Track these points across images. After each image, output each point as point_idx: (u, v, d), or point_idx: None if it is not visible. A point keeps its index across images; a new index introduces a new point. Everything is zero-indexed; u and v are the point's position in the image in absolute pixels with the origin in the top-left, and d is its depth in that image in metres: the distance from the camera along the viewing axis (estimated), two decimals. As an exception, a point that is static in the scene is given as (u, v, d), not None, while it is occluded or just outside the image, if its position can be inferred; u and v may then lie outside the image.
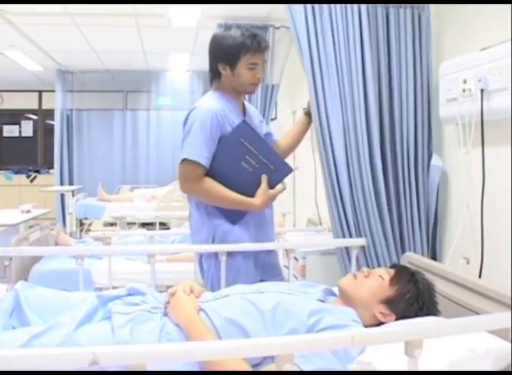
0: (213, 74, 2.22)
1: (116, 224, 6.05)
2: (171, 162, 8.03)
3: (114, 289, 1.84)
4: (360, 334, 1.11)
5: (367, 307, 1.66)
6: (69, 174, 7.76)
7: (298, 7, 2.37)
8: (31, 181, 8.86)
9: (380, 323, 1.64)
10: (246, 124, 2.14)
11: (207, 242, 2.21)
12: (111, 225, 6.30)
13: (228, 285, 2.05)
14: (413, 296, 1.67)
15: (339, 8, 2.37)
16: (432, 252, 2.50)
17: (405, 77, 2.44)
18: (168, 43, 5.96)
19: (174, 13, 4.52)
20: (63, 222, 7.01)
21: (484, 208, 2.10)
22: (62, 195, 7.22)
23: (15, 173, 8.93)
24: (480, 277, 2.10)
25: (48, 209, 5.47)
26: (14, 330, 1.58)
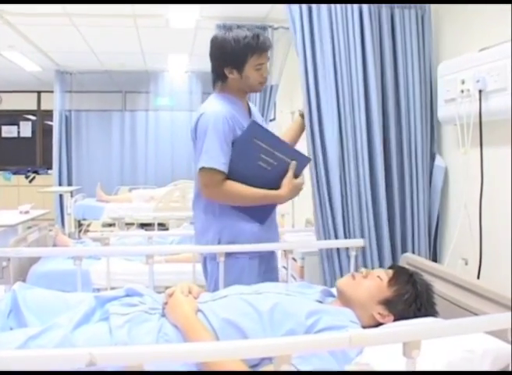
0: (217, 77, 2.17)
1: (115, 225, 6.05)
2: (169, 163, 8.05)
3: (112, 290, 1.83)
4: (357, 335, 1.11)
5: (365, 308, 1.66)
6: (68, 175, 7.75)
7: (295, 7, 2.36)
8: (30, 182, 8.85)
9: (378, 324, 1.64)
10: (256, 123, 2.13)
11: (212, 244, 2.19)
12: (109, 226, 6.29)
13: (230, 286, 2.04)
14: (411, 297, 1.67)
15: (339, 8, 2.36)
16: (432, 253, 2.50)
17: (411, 78, 2.44)
18: (166, 44, 5.95)
19: (172, 14, 4.51)
20: (62, 222, 7.01)
21: (482, 208, 2.10)
22: (61, 196, 7.22)
23: (13, 174, 8.91)
24: (478, 278, 2.10)
25: (47, 210, 5.46)
26: (11, 331, 1.58)
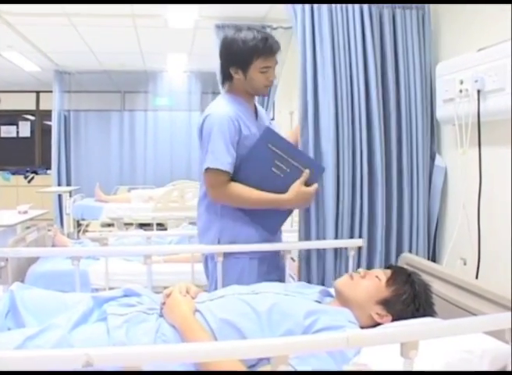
0: (224, 76, 2.19)
1: (114, 225, 6.04)
2: (168, 163, 8.04)
3: (111, 290, 1.83)
4: (355, 336, 1.11)
5: (363, 308, 1.66)
6: (67, 175, 7.74)
7: (298, 6, 2.36)
8: (29, 182, 8.84)
9: (377, 324, 1.64)
10: (271, 130, 2.12)
11: (213, 243, 2.19)
12: (108, 226, 6.28)
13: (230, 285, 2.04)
14: (409, 297, 1.66)
15: (339, 8, 2.35)
16: (431, 253, 2.50)
17: (412, 78, 2.44)
18: (165, 44, 5.94)
19: (171, 14, 4.50)
20: (61, 223, 7.00)
21: (481, 208, 2.10)
22: (60, 196, 7.21)
23: (12, 174, 8.89)
24: (477, 278, 2.10)
25: (46, 210, 5.45)
26: (9, 332, 1.58)
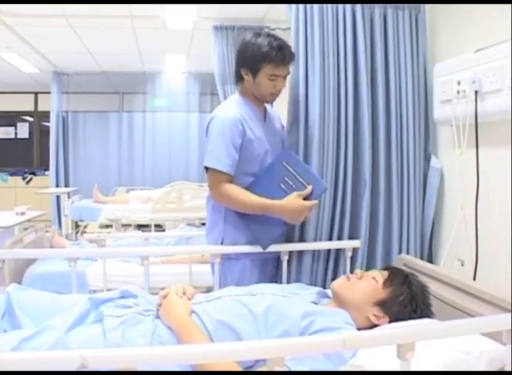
0: (237, 77, 2.24)
1: (112, 226, 6.03)
2: (167, 164, 8.04)
3: (108, 291, 1.83)
4: (352, 337, 1.10)
5: (360, 309, 1.65)
6: (65, 176, 7.74)
7: (292, 7, 2.34)
8: (27, 183, 8.83)
9: (374, 326, 1.64)
10: (288, 151, 2.20)
11: (216, 243, 2.23)
12: (106, 227, 6.26)
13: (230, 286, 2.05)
14: (406, 298, 1.66)
15: (330, 8, 2.32)
16: (427, 254, 2.50)
17: (404, 78, 2.41)
18: (163, 44, 5.94)
19: (170, 15, 4.51)
20: (59, 224, 7.00)
21: (478, 209, 2.10)
22: (58, 197, 7.20)
23: (10, 175, 8.89)
24: (474, 279, 2.09)
25: (44, 211, 5.44)
26: (5, 334, 1.58)
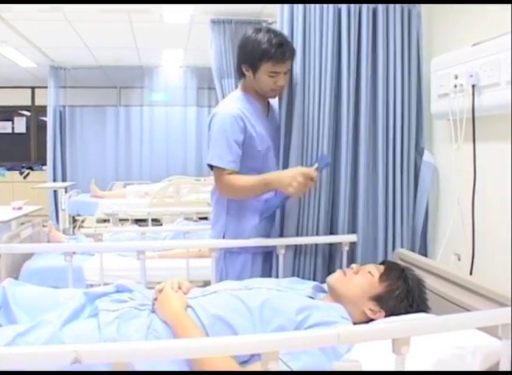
0: (239, 73, 2.23)
1: (109, 221, 6.02)
2: (164, 159, 8.04)
3: (105, 286, 1.82)
4: (346, 332, 1.10)
5: (356, 304, 1.65)
6: (62, 171, 7.73)
7: (283, 6, 2.31)
8: (24, 178, 8.82)
9: (370, 320, 1.64)
10: (325, 158, 2.17)
11: (219, 237, 2.26)
12: (104, 221, 6.26)
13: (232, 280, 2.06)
14: (402, 293, 1.66)
15: (314, 7, 2.27)
16: (423, 249, 2.49)
17: (392, 72, 2.37)
18: (161, 39, 5.92)
19: (167, 9, 4.49)
20: (56, 218, 6.99)
21: (475, 204, 2.10)
22: (55, 192, 7.20)
23: (8, 170, 8.87)
24: (471, 274, 2.09)
25: (41, 206, 5.43)
26: (0, 329, 1.57)
